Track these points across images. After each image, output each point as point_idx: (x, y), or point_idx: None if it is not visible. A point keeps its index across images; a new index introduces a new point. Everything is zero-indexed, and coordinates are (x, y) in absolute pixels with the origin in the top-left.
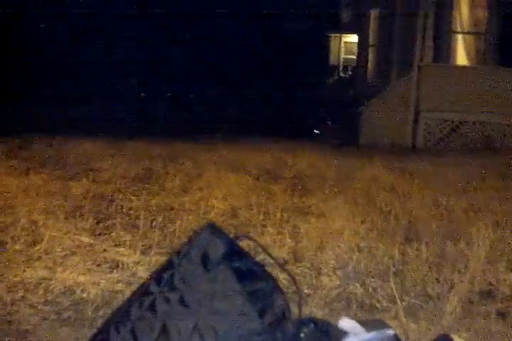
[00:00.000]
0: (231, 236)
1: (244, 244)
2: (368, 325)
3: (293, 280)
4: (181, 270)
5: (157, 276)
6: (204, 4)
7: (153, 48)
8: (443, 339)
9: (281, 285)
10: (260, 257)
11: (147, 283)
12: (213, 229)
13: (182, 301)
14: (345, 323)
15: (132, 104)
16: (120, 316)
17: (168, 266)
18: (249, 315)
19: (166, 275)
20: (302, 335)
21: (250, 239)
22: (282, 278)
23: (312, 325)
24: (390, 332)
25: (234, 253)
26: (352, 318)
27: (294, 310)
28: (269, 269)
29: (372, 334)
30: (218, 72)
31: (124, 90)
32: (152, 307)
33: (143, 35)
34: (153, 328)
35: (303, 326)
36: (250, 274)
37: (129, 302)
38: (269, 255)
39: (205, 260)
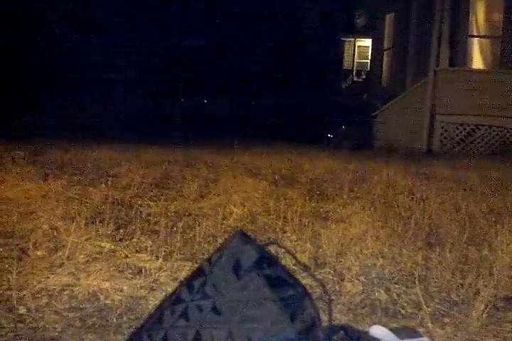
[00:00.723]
0: (260, 243)
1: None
2: (399, 332)
3: (322, 287)
4: (213, 277)
5: (188, 284)
6: (220, 6)
7: (166, 52)
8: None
9: None
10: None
11: (178, 291)
12: (243, 236)
13: (214, 309)
14: (377, 331)
15: (146, 110)
16: (152, 324)
17: (199, 273)
18: (283, 323)
19: (197, 283)
20: None
21: (280, 246)
22: (305, 283)
23: (343, 332)
24: (425, 339)
25: (264, 260)
26: (376, 324)
27: (323, 316)
28: None
29: None
30: (232, 76)
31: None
32: (185, 315)
33: (156, 39)
34: (187, 336)
35: (333, 333)
36: (280, 281)
37: (161, 309)
38: (299, 262)
39: (236, 267)
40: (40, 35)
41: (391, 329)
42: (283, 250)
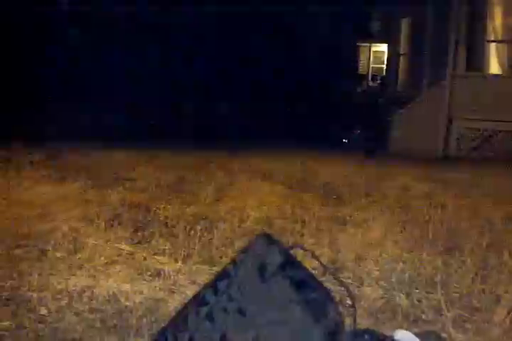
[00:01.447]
0: (285, 246)
1: None
2: (423, 337)
3: (348, 291)
4: (238, 280)
5: (212, 286)
6: (232, 12)
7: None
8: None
9: None
10: None
11: (202, 293)
12: (268, 239)
13: (240, 311)
14: (402, 335)
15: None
16: (177, 326)
17: (224, 275)
18: (308, 326)
19: (221, 285)
20: None
21: (305, 249)
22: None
23: (367, 337)
24: None
25: (289, 263)
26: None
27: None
28: None
29: None
30: (246, 80)
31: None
32: (210, 318)
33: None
34: (213, 338)
35: (358, 337)
36: (305, 284)
37: (185, 311)
38: (324, 266)
39: (261, 270)
40: (61, 41)
41: (415, 334)
42: (302, 253)
